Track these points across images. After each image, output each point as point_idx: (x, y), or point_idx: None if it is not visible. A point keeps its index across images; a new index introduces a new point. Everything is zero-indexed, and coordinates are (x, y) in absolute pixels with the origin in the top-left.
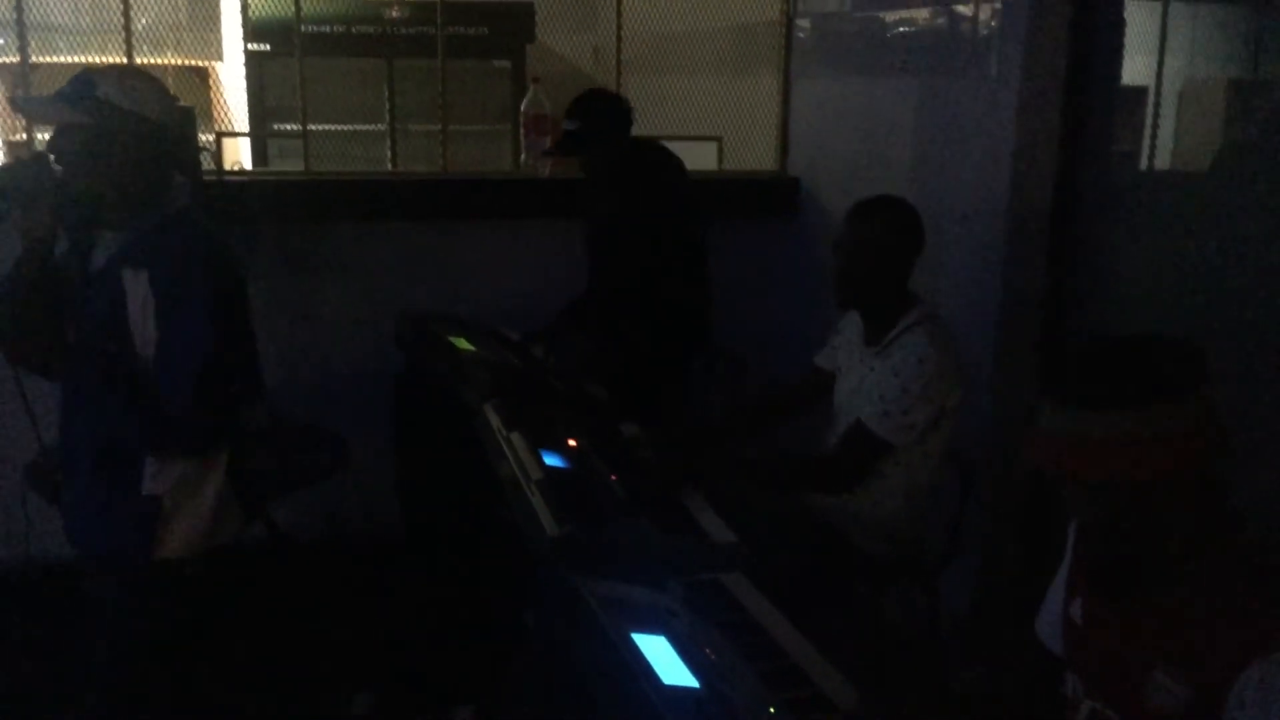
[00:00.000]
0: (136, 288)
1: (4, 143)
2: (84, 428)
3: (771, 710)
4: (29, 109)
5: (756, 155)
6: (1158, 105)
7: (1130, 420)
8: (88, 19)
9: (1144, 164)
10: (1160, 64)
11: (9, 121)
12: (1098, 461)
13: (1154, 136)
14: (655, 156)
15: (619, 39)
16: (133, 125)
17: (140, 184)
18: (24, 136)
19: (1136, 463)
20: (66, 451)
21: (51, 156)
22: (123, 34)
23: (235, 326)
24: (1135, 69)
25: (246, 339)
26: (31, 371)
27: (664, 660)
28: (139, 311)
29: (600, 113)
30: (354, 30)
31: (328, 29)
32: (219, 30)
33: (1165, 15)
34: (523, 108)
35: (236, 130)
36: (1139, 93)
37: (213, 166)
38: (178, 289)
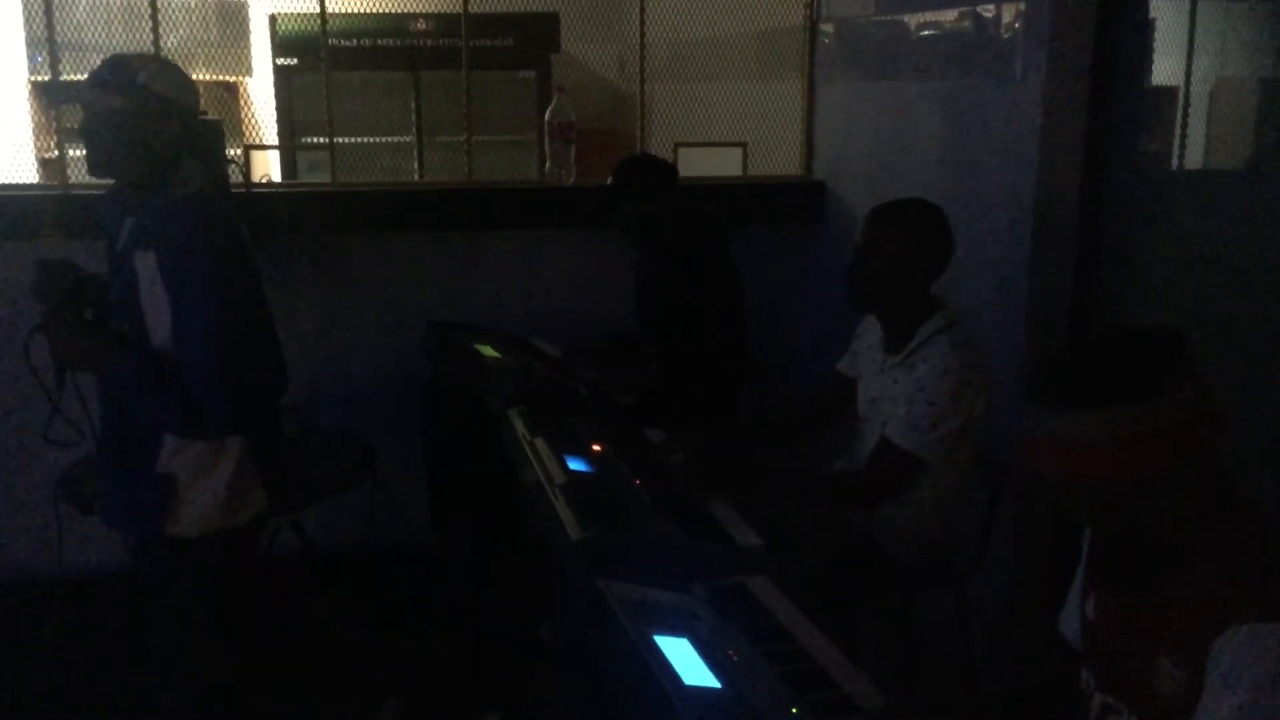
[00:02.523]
0: (145, 269)
1: (37, 160)
2: (112, 407)
3: (794, 711)
4: (67, 94)
5: (781, 160)
6: (1186, 105)
7: (1114, 419)
8: (119, 37)
9: (1173, 164)
10: (1189, 63)
11: (43, 140)
12: (1085, 462)
13: (1183, 137)
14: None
15: (642, 47)
16: (164, 110)
17: (161, 167)
18: (55, 154)
19: (1123, 461)
20: (103, 432)
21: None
22: (153, 51)
23: (248, 309)
24: (1163, 69)
25: (262, 322)
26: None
27: (686, 661)
28: (149, 292)
29: (634, 175)
30: (380, 44)
31: (354, 43)
32: (248, 46)
33: (1193, 14)
34: (547, 117)
35: (266, 143)
36: (1167, 93)
37: (242, 179)
38: (183, 269)
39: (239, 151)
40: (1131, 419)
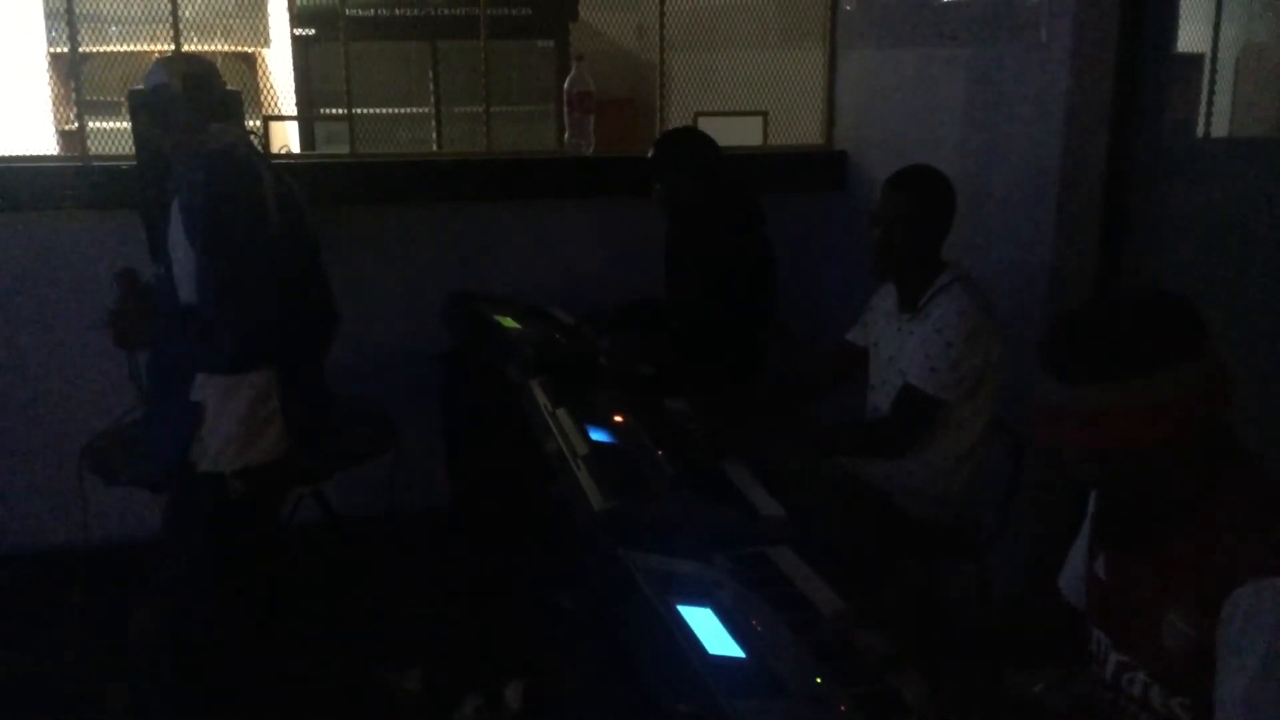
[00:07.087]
0: (175, 214)
1: (57, 131)
2: (155, 353)
3: (818, 680)
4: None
5: (803, 129)
6: (1213, 72)
7: (1122, 392)
8: (137, 8)
9: (1199, 132)
10: (1216, 30)
11: (62, 112)
12: (1093, 433)
13: (1210, 105)
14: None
15: (662, 15)
16: (179, 98)
17: (188, 134)
18: (75, 125)
19: (1136, 431)
20: (149, 377)
21: None
22: (171, 22)
23: (258, 254)
24: (1190, 35)
25: (292, 264)
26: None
27: (710, 631)
28: (174, 237)
29: (673, 149)
30: (398, 13)
31: (372, 13)
32: (266, 16)
33: None
34: (566, 86)
35: (284, 115)
36: (1194, 60)
37: (261, 150)
38: (194, 215)
39: (258, 123)
40: (1140, 392)
